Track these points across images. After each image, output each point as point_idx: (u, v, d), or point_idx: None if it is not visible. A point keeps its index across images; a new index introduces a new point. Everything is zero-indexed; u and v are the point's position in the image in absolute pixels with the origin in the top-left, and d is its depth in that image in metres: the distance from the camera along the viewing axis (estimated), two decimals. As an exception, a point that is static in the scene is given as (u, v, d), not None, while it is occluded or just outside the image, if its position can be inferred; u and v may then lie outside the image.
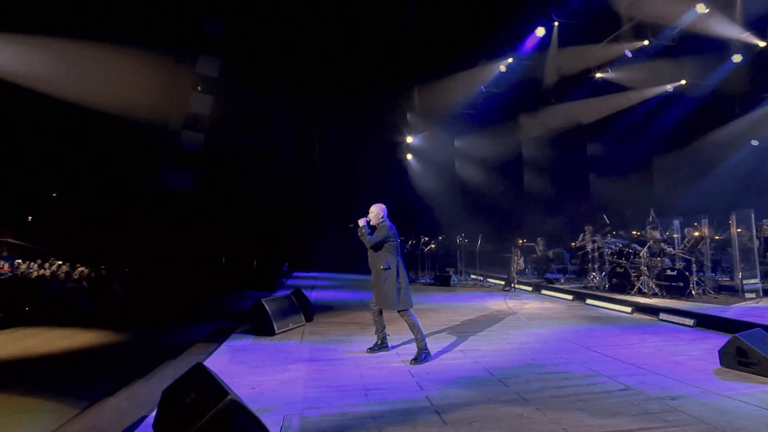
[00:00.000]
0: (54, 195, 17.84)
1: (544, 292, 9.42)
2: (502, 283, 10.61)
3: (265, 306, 5.42)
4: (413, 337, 4.36)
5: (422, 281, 12.02)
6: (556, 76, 11.79)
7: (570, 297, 8.48)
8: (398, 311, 4.35)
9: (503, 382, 3.63)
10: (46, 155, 15.36)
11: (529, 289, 9.97)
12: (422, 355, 4.28)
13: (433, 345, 4.80)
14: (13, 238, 15.09)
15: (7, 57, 12.56)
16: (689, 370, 3.90)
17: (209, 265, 16.78)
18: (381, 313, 4.60)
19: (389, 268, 4.37)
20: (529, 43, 10.67)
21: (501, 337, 5.32)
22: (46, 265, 12.53)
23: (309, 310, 6.39)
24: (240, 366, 4.12)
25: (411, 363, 4.21)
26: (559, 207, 13.18)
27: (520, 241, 11.96)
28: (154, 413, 2.50)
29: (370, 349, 4.59)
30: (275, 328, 5.35)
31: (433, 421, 2.85)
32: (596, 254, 9.00)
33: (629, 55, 10.86)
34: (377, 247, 4.40)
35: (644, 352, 4.54)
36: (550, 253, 10.84)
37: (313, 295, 9.63)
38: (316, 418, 2.89)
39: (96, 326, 8.38)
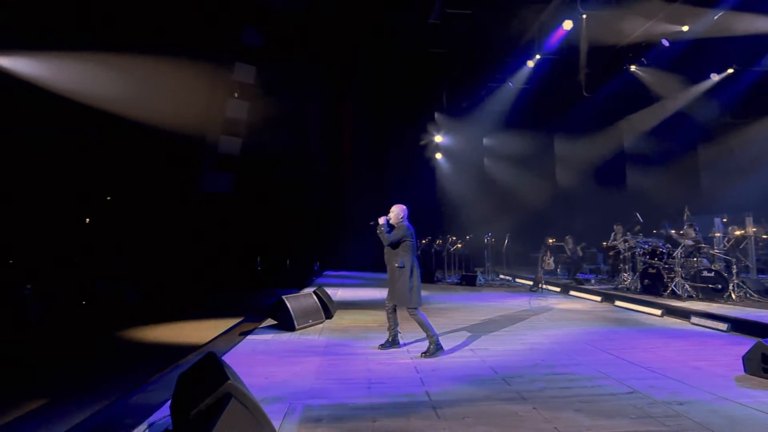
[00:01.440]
0: (108, 198, 19.38)
1: (572, 293, 9.17)
2: (530, 283, 10.42)
3: (287, 303, 5.73)
4: (426, 335, 4.49)
5: (448, 281, 12.02)
6: (587, 69, 11.36)
7: (598, 298, 8.22)
8: (408, 309, 4.49)
9: (506, 381, 3.67)
10: (96, 162, 16.75)
11: (557, 289, 9.73)
12: (433, 350, 4.41)
13: (444, 343, 4.89)
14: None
15: (59, 74, 13.89)
16: (708, 376, 3.75)
17: (245, 264, 17.60)
18: (395, 310, 4.74)
19: (404, 267, 4.51)
20: (557, 38, 10.37)
21: (515, 338, 5.31)
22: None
23: (330, 308, 6.64)
24: (258, 357, 4.41)
25: (422, 356, 4.36)
26: (591, 204, 12.70)
27: (550, 241, 11.67)
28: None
29: (381, 345, 4.75)
30: (295, 324, 5.63)
31: (426, 415, 2.97)
32: (628, 254, 8.66)
33: (666, 43, 10.28)
34: (394, 245, 4.56)
35: (664, 356, 4.39)
36: (580, 252, 10.50)
37: (339, 294, 9.94)
38: (318, 407, 3.09)
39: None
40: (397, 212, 4.71)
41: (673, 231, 9.42)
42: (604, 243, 9.82)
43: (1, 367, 5.66)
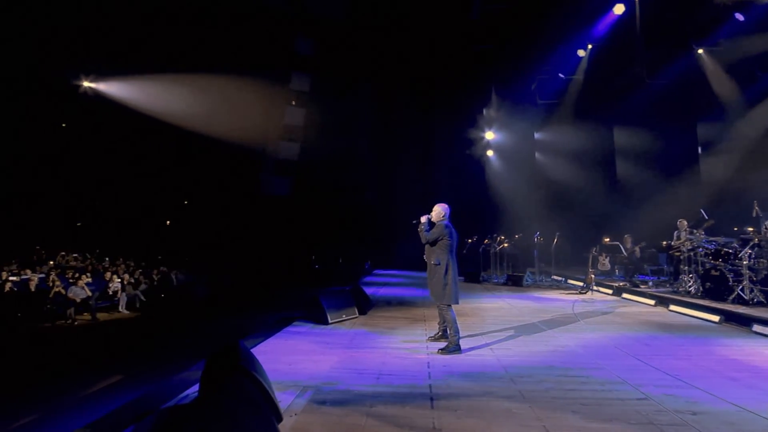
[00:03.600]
0: (186, 202, 21.74)
1: (624, 295, 8.59)
2: (581, 284, 9.91)
3: (321, 299, 6.18)
4: (448, 332, 4.64)
5: (494, 281, 11.82)
6: (647, 53, 10.48)
7: (652, 302, 7.64)
8: (441, 304, 4.67)
9: (513, 380, 3.72)
10: (172, 172, 18.90)
11: (609, 292, 9.16)
12: (452, 348, 4.56)
13: (467, 341, 5.02)
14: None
15: (140, 94, 15.98)
16: (742, 388, 3.48)
17: (302, 262, 18.71)
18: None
19: (440, 264, 4.69)
20: (608, 23, 9.71)
21: (542, 340, 5.22)
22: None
23: (365, 304, 7.01)
24: (288, 347, 4.88)
25: (439, 352, 4.53)
26: (656, 199, 11.64)
27: (606, 240, 10.95)
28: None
29: (430, 337, 5.07)
30: (328, 318, 6.07)
31: (422, 405, 3.17)
32: (691, 254, 7.92)
33: (741, 18, 9.18)
34: (431, 243, 4.74)
35: (700, 365, 4.10)
36: (638, 253, 9.75)
37: (382, 291, 10.30)
38: (326, 392, 3.43)
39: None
40: (438, 211, 4.88)
41: (750, 228, 8.42)
42: (664, 242, 9.03)
43: (84, 348, 6.84)
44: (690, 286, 7.63)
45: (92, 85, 17.04)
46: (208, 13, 16.70)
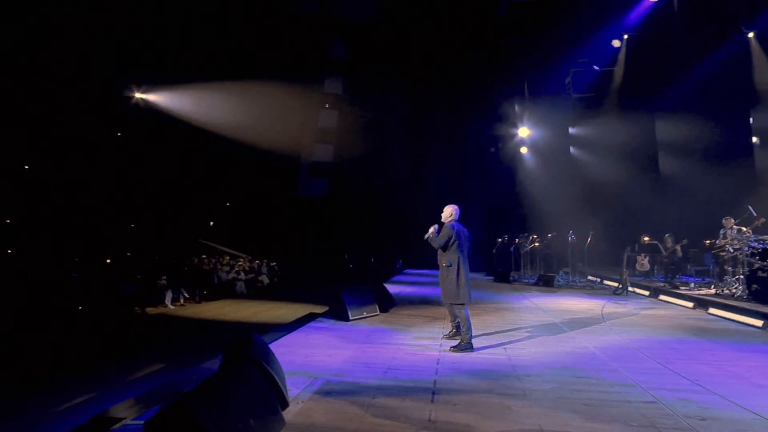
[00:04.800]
0: (228, 204, 22.96)
1: (661, 297, 8.17)
2: (617, 285, 9.51)
3: (342, 296, 6.42)
4: (462, 330, 4.70)
5: (525, 281, 11.57)
6: (689, 39, 9.81)
7: (691, 305, 7.22)
8: (455, 304, 4.75)
9: (519, 379, 3.74)
10: (217, 175, 20.04)
11: (646, 293, 8.73)
12: (464, 346, 4.62)
13: (483, 340, 5.07)
14: (202, 239, 20.19)
15: (185, 103, 17.14)
16: (766, 395, 3.29)
17: (335, 260, 19.19)
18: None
19: (450, 266, 4.78)
20: (643, 10, 9.20)
21: (560, 341, 5.14)
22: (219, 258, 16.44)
23: (386, 302, 7.17)
24: (308, 341, 5.14)
25: (451, 350, 4.61)
26: (700, 195, 10.89)
27: (645, 238, 10.41)
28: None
29: (445, 335, 5.19)
30: (349, 315, 6.29)
31: (422, 398, 3.28)
32: (737, 254, 7.39)
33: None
34: (444, 248, 4.77)
35: (728, 371, 3.89)
36: (679, 252, 9.19)
37: (408, 290, 10.43)
38: (334, 383, 3.63)
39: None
40: (449, 212, 4.95)
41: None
42: (707, 241, 8.46)
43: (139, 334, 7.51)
44: (735, 288, 7.13)
45: (144, 96, 18.51)
46: (244, 21, 17.59)
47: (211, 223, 21.45)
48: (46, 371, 5.90)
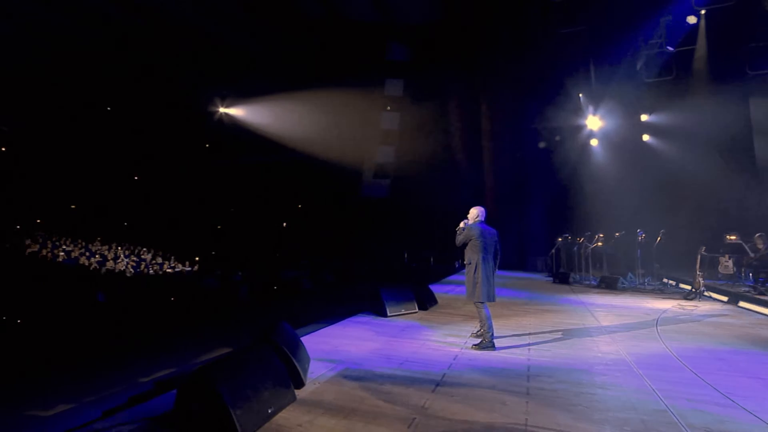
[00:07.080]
0: (300, 206, 24.75)
1: (742, 304, 7.25)
2: (690, 289, 8.61)
3: (381, 293, 6.83)
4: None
5: (586, 282, 10.92)
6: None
7: (773, 313, 6.36)
8: (474, 302, 4.92)
9: (528, 378, 3.80)
10: (289, 180, 21.77)
11: (724, 299, 7.81)
12: (485, 345, 4.76)
13: (510, 340, 5.16)
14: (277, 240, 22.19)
15: (258, 115, 18.94)
16: (805, 413, 2.99)
17: (395, 260, 19.72)
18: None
19: (471, 264, 5.00)
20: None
21: (593, 345, 4.98)
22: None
23: (427, 300, 7.42)
24: (343, 332, 5.63)
25: (473, 347, 4.78)
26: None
27: (730, 237, 9.26)
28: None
29: (473, 333, 5.38)
30: (387, 311, 6.68)
31: (426, 389, 3.54)
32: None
33: None
34: (462, 245, 5.08)
35: (773, 386, 3.54)
36: (769, 254, 8.01)
37: (458, 290, 10.48)
38: (352, 370, 4.04)
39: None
40: (475, 213, 5.20)
41: None
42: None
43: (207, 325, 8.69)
44: (833, 297, 6.12)
45: (227, 110, 20.87)
46: (308, 29, 18.92)
47: (284, 224, 23.33)
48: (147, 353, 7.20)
